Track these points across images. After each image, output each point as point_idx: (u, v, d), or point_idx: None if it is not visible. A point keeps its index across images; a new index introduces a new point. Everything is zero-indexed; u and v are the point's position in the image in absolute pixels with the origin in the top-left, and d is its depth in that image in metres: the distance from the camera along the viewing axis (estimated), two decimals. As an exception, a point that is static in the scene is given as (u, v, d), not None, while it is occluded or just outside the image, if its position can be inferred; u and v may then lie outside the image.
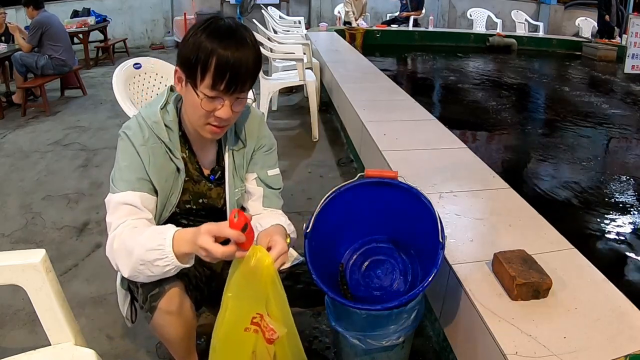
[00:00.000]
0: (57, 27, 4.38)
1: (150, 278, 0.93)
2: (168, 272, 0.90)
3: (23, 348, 1.03)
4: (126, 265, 0.92)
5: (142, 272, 0.91)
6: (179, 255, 0.87)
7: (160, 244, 0.87)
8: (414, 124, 2.56)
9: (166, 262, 0.87)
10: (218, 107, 0.95)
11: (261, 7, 6.62)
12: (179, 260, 0.87)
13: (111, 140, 3.46)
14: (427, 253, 1.09)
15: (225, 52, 0.90)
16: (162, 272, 0.89)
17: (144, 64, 1.99)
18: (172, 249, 0.86)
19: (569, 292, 1.15)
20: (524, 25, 7.60)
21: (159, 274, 0.90)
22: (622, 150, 3.44)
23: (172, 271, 0.90)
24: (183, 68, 0.95)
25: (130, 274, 0.93)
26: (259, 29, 4.52)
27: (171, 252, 0.86)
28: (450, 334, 1.32)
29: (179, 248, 0.86)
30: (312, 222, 1.13)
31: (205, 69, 0.91)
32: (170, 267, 0.88)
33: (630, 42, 3.70)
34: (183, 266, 0.89)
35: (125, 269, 0.92)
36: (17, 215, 2.39)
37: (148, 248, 0.88)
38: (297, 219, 2.25)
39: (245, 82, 0.95)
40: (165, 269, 0.88)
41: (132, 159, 1.01)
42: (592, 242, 2.13)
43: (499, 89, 4.98)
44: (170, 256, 0.86)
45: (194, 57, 0.91)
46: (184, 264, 0.89)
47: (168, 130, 1.03)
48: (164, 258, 0.87)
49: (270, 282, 0.91)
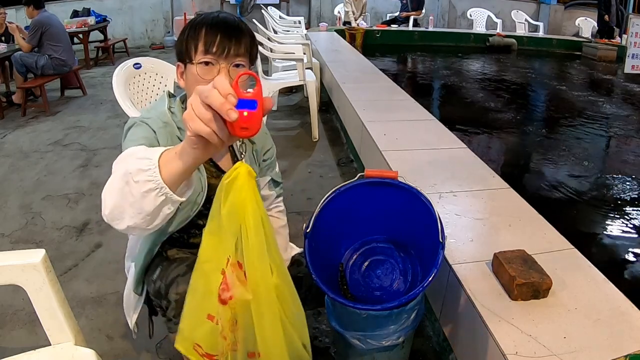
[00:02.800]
0: (57, 27, 4.38)
1: (132, 212, 0.70)
2: (149, 195, 0.67)
3: (23, 348, 1.02)
4: (110, 188, 0.72)
5: (124, 197, 0.69)
6: (165, 166, 0.66)
7: (149, 154, 0.69)
8: (414, 124, 2.56)
9: (149, 176, 0.66)
10: (215, 73, 0.92)
11: (261, 7, 6.62)
12: (164, 178, 0.66)
13: (111, 140, 3.46)
14: (427, 253, 1.09)
15: (215, 20, 0.94)
16: (142, 191, 0.67)
17: (144, 64, 1.99)
18: (158, 161, 0.67)
19: (569, 292, 1.15)
20: (524, 25, 7.60)
21: (138, 196, 0.68)
22: (622, 150, 3.44)
23: (154, 195, 0.67)
24: (179, 55, 0.98)
25: (113, 205, 0.71)
26: (259, 29, 4.52)
27: (156, 163, 0.67)
28: (450, 334, 1.32)
29: (166, 157, 0.67)
30: (312, 222, 1.13)
31: (197, 38, 0.93)
32: (151, 186, 0.66)
33: (630, 42, 3.70)
34: (166, 189, 0.67)
35: (108, 196, 0.72)
36: (17, 215, 2.39)
37: (137, 157, 0.70)
38: (297, 219, 2.24)
39: (239, 43, 0.94)
40: (145, 187, 0.66)
41: (148, 134, 0.93)
42: (592, 242, 2.13)
43: (499, 89, 4.98)
44: (154, 168, 0.66)
45: (186, 35, 0.95)
46: (170, 186, 0.67)
47: (180, 130, 1.00)
48: (148, 170, 0.67)
49: (249, 212, 0.70)
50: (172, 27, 8.10)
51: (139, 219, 0.71)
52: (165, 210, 0.71)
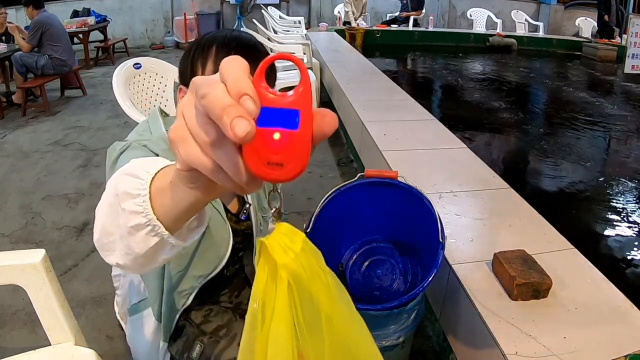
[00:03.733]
0: (57, 27, 4.39)
1: (122, 248, 0.50)
2: (138, 233, 0.46)
3: (23, 348, 1.02)
4: (100, 207, 0.52)
5: (114, 224, 0.50)
6: (157, 195, 0.44)
7: (142, 171, 0.47)
8: (414, 124, 2.56)
9: (137, 205, 0.45)
10: None
11: (261, 7, 6.63)
12: (157, 212, 0.44)
13: (111, 140, 3.42)
14: (427, 253, 1.09)
15: (227, 38, 0.82)
16: (129, 225, 0.46)
17: (144, 64, 1.99)
18: (151, 183, 0.45)
19: (569, 292, 1.15)
20: (524, 25, 7.60)
21: (125, 231, 0.47)
22: (622, 150, 3.44)
23: (144, 234, 0.45)
24: (183, 77, 0.85)
25: (101, 230, 0.52)
26: (259, 29, 4.52)
27: (147, 187, 0.45)
28: (450, 334, 1.32)
29: (159, 183, 0.45)
30: (312, 222, 1.13)
31: (206, 57, 0.80)
32: (140, 220, 0.45)
33: (630, 42, 3.70)
34: (161, 227, 0.45)
35: (98, 217, 0.52)
36: (17, 215, 2.39)
37: (129, 171, 0.48)
38: (297, 219, 2.25)
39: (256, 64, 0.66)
40: (133, 220, 0.45)
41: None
42: (592, 242, 2.13)
43: (499, 89, 4.98)
44: (144, 194, 0.45)
45: (192, 54, 0.82)
46: (167, 224, 0.45)
47: None
48: (137, 196, 0.45)
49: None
50: (172, 27, 8.10)
51: (129, 260, 0.50)
52: (162, 256, 0.50)
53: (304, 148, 0.32)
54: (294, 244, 0.40)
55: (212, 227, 0.91)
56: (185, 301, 0.95)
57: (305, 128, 0.31)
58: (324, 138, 0.34)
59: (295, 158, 0.31)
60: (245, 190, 0.35)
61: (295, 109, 0.31)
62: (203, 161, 0.33)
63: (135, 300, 1.05)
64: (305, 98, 0.32)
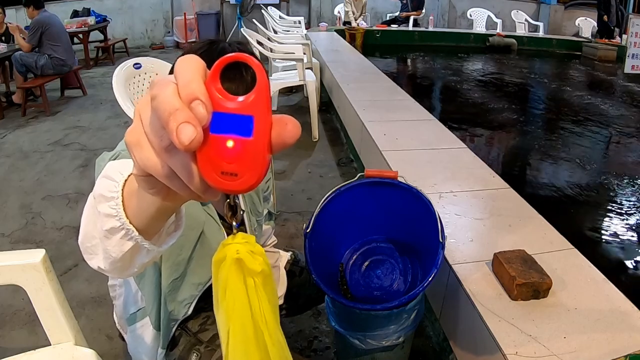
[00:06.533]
0: (57, 27, 4.39)
1: (102, 252, 0.50)
2: (113, 236, 0.46)
3: (23, 348, 1.02)
4: (83, 215, 0.53)
5: (95, 227, 0.50)
6: (129, 199, 0.44)
7: (116, 172, 0.47)
8: (414, 124, 2.56)
9: (111, 207, 0.45)
10: None
11: (261, 7, 6.62)
12: (130, 216, 0.44)
13: (111, 140, 3.46)
14: (427, 253, 1.09)
15: (222, 52, 0.80)
16: (104, 229, 0.46)
17: (144, 64, 1.99)
18: (123, 186, 0.45)
19: (569, 292, 1.15)
20: (524, 25, 7.60)
21: (101, 234, 0.47)
22: (622, 150, 3.44)
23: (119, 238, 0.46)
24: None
25: (84, 232, 0.53)
26: (259, 29, 4.52)
27: (120, 189, 0.45)
28: (450, 334, 1.32)
29: (130, 186, 0.45)
30: (312, 222, 1.13)
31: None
32: (114, 223, 0.45)
33: (630, 42, 3.71)
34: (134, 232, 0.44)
35: (83, 219, 0.53)
36: (17, 215, 2.39)
37: (106, 173, 0.48)
38: (297, 219, 2.24)
39: (241, 75, 0.72)
40: (108, 224, 0.45)
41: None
42: (592, 242, 2.13)
43: (499, 89, 4.98)
44: (117, 197, 0.45)
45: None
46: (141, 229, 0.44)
47: None
48: (110, 199, 0.45)
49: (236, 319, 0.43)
50: (172, 27, 8.11)
51: (108, 264, 0.50)
52: (139, 260, 0.49)
53: (258, 157, 0.30)
54: (255, 247, 0.41)
55: (207, 232, 0.90)
56: (186, 311, 0.94)
57: (260, 136, 0.30)
58: (284, 147, 0.32)
59: (250, 168, 0.30)
60: (203, 199, 0.34)
61: (249, 114, 0.30)
62: (158, 167, 0.32)
63: (133, 309, 1.04)
64: (259, 103, 0.30)
